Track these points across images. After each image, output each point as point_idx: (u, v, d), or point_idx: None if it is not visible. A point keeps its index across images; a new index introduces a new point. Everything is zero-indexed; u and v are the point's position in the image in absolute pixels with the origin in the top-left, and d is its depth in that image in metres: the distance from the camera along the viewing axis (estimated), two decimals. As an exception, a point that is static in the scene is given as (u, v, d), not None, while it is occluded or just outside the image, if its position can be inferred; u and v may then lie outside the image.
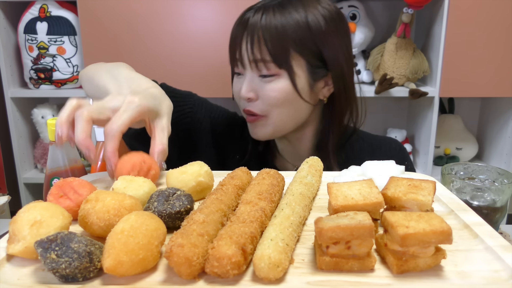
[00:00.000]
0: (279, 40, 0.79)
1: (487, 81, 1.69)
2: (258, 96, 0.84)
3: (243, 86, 0.84)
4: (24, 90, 1.84)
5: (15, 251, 0.43)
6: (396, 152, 1.00)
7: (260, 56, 0.81)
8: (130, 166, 0.59)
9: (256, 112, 0.86)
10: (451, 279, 0.40)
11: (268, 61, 0.81)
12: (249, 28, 0.81)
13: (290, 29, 0.79)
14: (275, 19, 0.79)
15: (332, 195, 0.48)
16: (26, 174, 1.94)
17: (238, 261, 0.39)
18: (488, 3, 1.61)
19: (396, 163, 0.95)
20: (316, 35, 0.81)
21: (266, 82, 0.83)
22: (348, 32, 0.88)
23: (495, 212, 0.73)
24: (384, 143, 1.01)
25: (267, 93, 0.83)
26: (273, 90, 0.82)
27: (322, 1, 0.85)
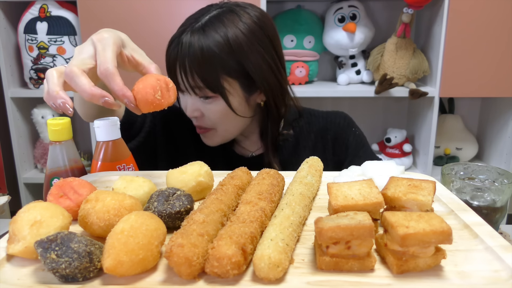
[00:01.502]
0: (207, 67, 0.82)
1: (487, 81, 1.69)
2: (203, 113, 0.90)
3: (188, 107, 0.90)
4: (24, 90, 1.84)
5: (15, 251, 0.43)
6: (342, 120, 1.05)
7: (194, 83, 0.84)
8: (151, 90, 0.56)
9: (206, 126, 0.92)
10: (451, 279, 0.40)
11: (202, 87, 0.85)
12: (179, 56, 0.83)
13: (215, 55, 0.82)
14: (200, 46, 0.81)
15: (332, 195, 0.48)
16: (26, 174, 1.94)
17: (238, 261, 0.39)
18: (488, 3, 1.61)
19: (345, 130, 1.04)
20: (239, 55, 0.83)
21: (207, 103, 0.88)
22: (273, 37, 0.90)
23: (495, 212, 0.73)
24: (331, 114, 1.07)
25: (209, 112, 0.89)
26: (213, 111, 0.88)
27: (243, 15, 0.85)
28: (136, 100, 0.56)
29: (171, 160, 1.00)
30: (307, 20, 1.82)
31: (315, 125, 1.04)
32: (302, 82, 1.85)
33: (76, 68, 0.54)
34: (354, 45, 1.78)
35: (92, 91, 0.53)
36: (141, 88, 0.56)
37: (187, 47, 0.82)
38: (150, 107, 0.57)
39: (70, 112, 0.54)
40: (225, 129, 0.92)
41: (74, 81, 0.54)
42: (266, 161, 0.98)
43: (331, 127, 1.04)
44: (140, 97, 0.56)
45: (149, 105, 0.56)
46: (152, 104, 0.56)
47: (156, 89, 0.56)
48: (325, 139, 1.04)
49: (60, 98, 0.54)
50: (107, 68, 0.55)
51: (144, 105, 0.56)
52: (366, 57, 1.86)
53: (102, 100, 0.54)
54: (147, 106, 0.56)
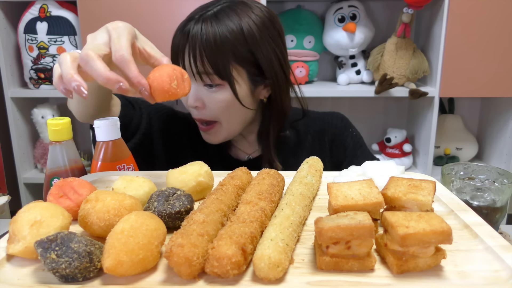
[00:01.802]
0: (219, 53, 0.83)
1: (487, 81, 1.69)
2: (205, 104, 0.89)
3: (190, 96, 0.88)
4: (24, 90, 1.84)
5: (15, 251, 0.43)
6: (339, 121, 1.07)
7: (203, 69, 0.84)
8: (168, 78, 0.55)
9: (206, 118, 0.90)
10: (451, 279, 0.40)
11: (211, 73, 0.84)
12: (190, 42, 0.83)
13: (228, 41, 0.82)
14: (213, 31, 0.82)
15: (332, 195, 0.48)
16: (26, 174, 1.94)
17: (238, 261, 0.39)
18: (488, 3, 1.61)
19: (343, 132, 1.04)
20: (251, 44, 0.85)
21: (211, 92, 0.87)
22: (281, 33, 0.92)
23: (495, 212, 0.73)
24: (327, 116, 1.08)
25: (212, 102, 0.88)
26: (218, 100, 0.87)
27: (254, 7, 0.88)
28: (151, 88, 0.55)
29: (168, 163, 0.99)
30: (307, 20, 1.82)
31: (312, 127, 1.04)
32: (302, 82, 1.85)
33: (92, 52, 0.53)
34: (354, 45, 1.78)
35: (108, 75, 0.52)
36: (157, 76, 0.55)
37: (199, 32, 0.82)
38: (165, 95, 0.56)
39: (85, 95, 0.53)
40: (228, 121, 0.91)
41: (89, 65, 0.53)
42: (266, 161, 0.97)
43: (328, 129, 1.04)
44: (156, 85, 0.55)
45: (164, 93, 0.56)
46: (168, 93, 0.56)
47: (173, 78, 0.56)
48: (322, 141, 1.04)
49: (75, 81, 0.52)
50: (123, 55, 0.54)
51: (159, 94, 0.56)
52: (366, 57, 1.86)
53: (117, 86, 0.53)
54: (162, 94, 0.56)
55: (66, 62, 0.54)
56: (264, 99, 0.94)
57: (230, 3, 0.87)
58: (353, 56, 1.86)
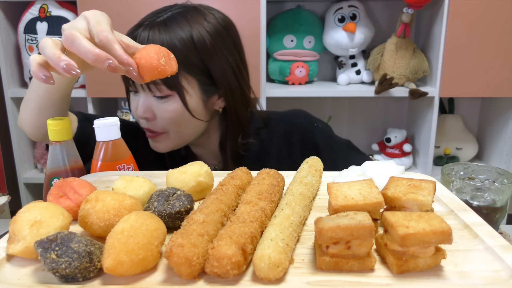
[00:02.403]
0: None
1: (487, 81, 1.69)
2: (155, 115, 0.85)
3: (139, 106, 0.84)
4: (24, 90, 1.84)
5: (15, 251, 0.43)
6: (303, 119, 1.02)
7: None
8: (155, 55, 0.55)
9: (156, 130, 0.87)
10: (451, 279, 0.40)
11: (158, 84, 0.81)
12: None
13: (177, 50, 0.79)
14: (160, 39, 0.79)
15: (332, 195, 0.48)
16: (26, 174, 1.94)
17: (238, 261, 0.39)
18: (488, 3, 1.61)
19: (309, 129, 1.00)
20: (202, 53, 0.82)
21: (161, 102, 0.84)
22: (237, 42, 0.89)
23: (495, 212, 0.73)
24: (290, 116, 1.03)
25: (163, 113, 0.84)
26: (167, 111, 0.84)
27: (208, 14, 0.85)
28: (139, 67, 0.54)
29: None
30: (307, 20, 1.82)
31: (276, 130, 1.00)
32: (302, 82, 1.85)
33: (77, 32, 0.52)
34: (354, 45, 1.78)
35: (97, 52, 0.50)
36: (144, 54, 0.54)
37: (145, 40, 0.79)
38: (154, 73, 0.55)
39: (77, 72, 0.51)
40: (178, 132, 0.87)
41: (76, 43, 0.51)
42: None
43: (293, 129, 1.00)
44: (144, 62, 0.54)
45: (153, 70, 0.54)
46: (157, 69, 0.54)
47: (160, 55, 0.55)
48: (289, 143, 0.99)
49: (63, 61, 0.50)
50: (107, 35, 0.53)
51: (147, 71, 0.54)
52: (366, 57, 1.86)
53: (107, 63, 0.51)
54: (151, 72, 0.55)
55: (49, 45, 0.52)
56: (220, 110, 0.91)
57: (182, 9, 0.84)
58: (353, 56, 1.86)
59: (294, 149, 0.99)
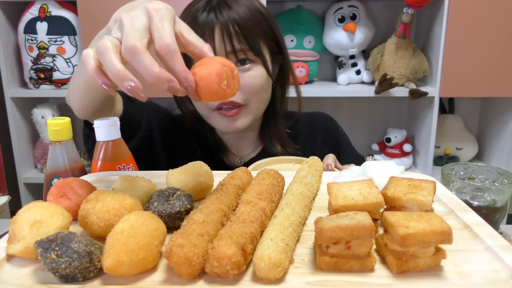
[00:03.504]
0: (251, 30, 0.84)
1: (487, 81, 1.69)
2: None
3: None
4: (24, 90, 1.84)
5: (15, 251, 0.43)
6: (328, 121, 1.09)
7: (239, 47, 0.84)
8: (217, 77, 0.48)
9: (239, 102, 0.88)
10: (451, 279, 0.40)
11: (246, 50, 0.85)
12: (221, 21, 0.83)
13: (255, 19, 0.85)
14: (239, 12, 0.83)
15: (332, 195, 0.48)
16: (26, 174, 1.94)
17: (238, 261, 0.39)
18: (488, 3, 1.61)
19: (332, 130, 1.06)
20: (269, 19, 0.88)
21: (244, 71, 0.86)
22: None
23: (495, 212, 0.73)
24: (316, 116, 1.09)
25: (248, 81, 0.86)
26: (254, 77, 0.87)
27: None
28: (198, 86, 0.48)
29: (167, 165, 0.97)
30: (307, 20, 1.82)
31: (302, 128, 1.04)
32: (302, 82, 1.85)
33: (139, 44, 0.45)
34: (354, 45, 1.78)
35: (159, 73, 0.44)
36: (205, 75, 0.48)
37: (226, 12, 0.83)
38: (213, 97, 0.49)
39: (143, 96, 0.46)
40: (257, 102, 0.90)
41: (137, 59, 0.45)
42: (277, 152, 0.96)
43: (318, 130, 1.04)
44: (204, 84, 0.48)
45: (212, 95, 0.49)
46: (217, 95, 0.49)
47: (222, 77, 0.48)
48: (314, 141, 1.03)
49: (128, 80, 0.45)
50: (169, 44, 0.46)
51: (206, 94, 0.49)
52: (366, 57, 1.86)
53: (167, 85, 0.45)
54: (209, 95, 0.49)
55: (109, 54, 0.45)
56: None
57: None
58: (353, 56, 1.86)
59: (317, 147, 1.04)
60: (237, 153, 1.02)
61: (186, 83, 0.47)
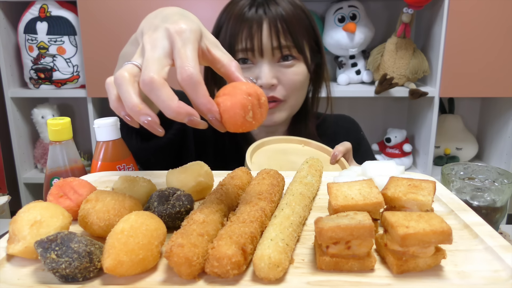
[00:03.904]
0: (297, 27, 0.87)
1: (487, 81, 1.69)
2: (279, 81, 0.90)
3: (265, 73, 0.87)
4: (24, 90, 1.84)
5: (15, 251, 0.43)
6: (351, 124, 1.11)
7: (285, 43, 0.86)
8: (242, 110, 0.45)
9: (279, 97, 0.90)
10: (451, 279, 0.40)
11: (291, 46, 0.87)
12: (269, 17, 0.86)
13: (299, 17, 0.88)
14: (286, 8, 0.86)
15: (332, 195, 0.48)
16: (26, 174, 1.94)
17: (238, 261, 0.39)
18: (488, 3, 1.61)
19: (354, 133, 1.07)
20: (310, 18, 0.91)
21: (286, 67, 0.88)
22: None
23: (495, 212, 0.73)
24: (340, 119, 1.10)
25: (290, 77, 0.89)
26: (296, 73, 0.89)
27: None
28: (222, 118, 0.46)
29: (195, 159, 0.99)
30: (307, 20, 1.82)
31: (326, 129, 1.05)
32: (302, 82, 1.85)
33: (158, 77, 0.43)
34: (354, 45, 1.78)
35: (178, 108, 0.43)
36: (229, 107, 0.45)
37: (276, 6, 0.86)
38: (237, 129, 0.47)
39: (160, 131, 0.45)
40: (296, 98, 0.92)
41: (155, 94, 0.43)
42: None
43: (341, 132, 1.06)
44: (228, 117, 0.45)
45: (237, 127, 0.46)
46: (241, 127, 0.46)
47: (247, 109, 0.45)
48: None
49: (145, 115, 0.44)
50: (191, 74, 0.44)
51: (230, 126, 0.46)
52: (366, 57, 1.86)
53: (187, 119, 0.44)
54: (234, 127, 0.46)
55: (126, 86, 0.44)
56: None
57: None
58: (353, 56, 1.86)
59: None
60: None
61: (210, 115, 0.45)
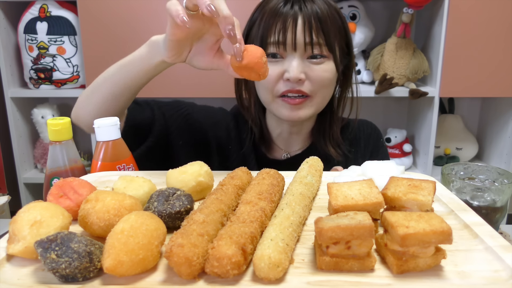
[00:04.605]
0: (330, 26, 0.87)
1: (487, 81, 1.69)
2: (307, 77, 0.90)
3: (294, 67, 0.88)
4: (24, 90, 1.84)
5: (15, 251, 0.43)
6: (373, 131, 1.10)
7: (317, 39, 0.87)
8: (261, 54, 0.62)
9: (306, 92, 0.90)
10: (451, 279, 0.40)
11: (322, 44, 0.87)
12: (304, 14, 0.87)
13: (333, 16, 0.89)
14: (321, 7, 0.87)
15: (332, 195, 0.48)
16: (26, 174, 1.94)
17: (238, 261, 0.39)
18: (488, 3, 1.61)
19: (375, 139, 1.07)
20: (343, 21, 0.92)
21: (315, 64, 0.89)
22: None
23: (495, 212, 0.73)
24: (361, 123, 1.10)
25: (318, 73, 0.89)
26: (325, 70, 0.89)
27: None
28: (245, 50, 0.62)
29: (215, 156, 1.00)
30: (307, 20, 1.82)
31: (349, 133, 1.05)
32: (302, 82, 1.85)
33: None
34: (354, 45, 1.78)
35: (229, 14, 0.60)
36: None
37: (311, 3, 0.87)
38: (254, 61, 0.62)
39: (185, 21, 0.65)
40: (322, 96, 0.92)
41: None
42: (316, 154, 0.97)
43: (362, 137, 1.06)
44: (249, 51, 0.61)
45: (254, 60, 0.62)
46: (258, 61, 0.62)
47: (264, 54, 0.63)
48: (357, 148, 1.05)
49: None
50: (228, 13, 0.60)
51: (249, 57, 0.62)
52: (366, 57, 1.86)
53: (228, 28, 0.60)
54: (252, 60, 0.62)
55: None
56: None
57: None
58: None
59: (361, 154, 1.05)
60: (285, 148, 1.03)
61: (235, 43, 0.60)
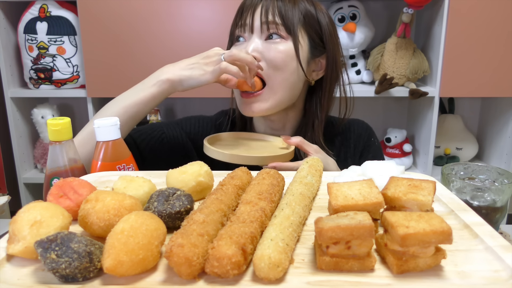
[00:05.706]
0: (291, 10, 0.88)
1: (487, 81, 1.69)
2: (262, 57, 0.89)
3: (250, 45, 0.89)
4: (24, 90, 1.84)
5: (15, 251, 0.43)
6: (364, 130, 1.07)
7: (273, 19, 0.87)
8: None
9: (262, 75, 0.89)
10: (451, 279, 0.40)
11: (279, 24, 0.87)
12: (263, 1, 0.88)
13: (301, 6, 0.89)
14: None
15: (332, 195, 0.48)
16: (26, 174, 1.94)
17: (238, 261, 0.39)
18: (488, 3, 1.61)
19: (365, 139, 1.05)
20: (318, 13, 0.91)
21: (272, 43, 0.88)
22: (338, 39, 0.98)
23: (495, 212, 0.73)
24: (353, 123, 1.08)
25: (272, 53, 0.88)
26: (279, 51, 0.88)
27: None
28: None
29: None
30: (307, 20, 1.82)
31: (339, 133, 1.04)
32: (302, 82, 1.85)
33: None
34: (354, 45, 1.78)
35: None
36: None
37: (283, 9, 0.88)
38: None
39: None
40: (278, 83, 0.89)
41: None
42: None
43: (352, 137, 1.04)
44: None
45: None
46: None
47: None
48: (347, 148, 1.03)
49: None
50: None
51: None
52: (366, 57, 1.86)
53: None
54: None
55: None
56: (312, 82, 0.95)
57: None
58: (353, 56, 1.86)
59: (351, 154, 1.04)
60: None
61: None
